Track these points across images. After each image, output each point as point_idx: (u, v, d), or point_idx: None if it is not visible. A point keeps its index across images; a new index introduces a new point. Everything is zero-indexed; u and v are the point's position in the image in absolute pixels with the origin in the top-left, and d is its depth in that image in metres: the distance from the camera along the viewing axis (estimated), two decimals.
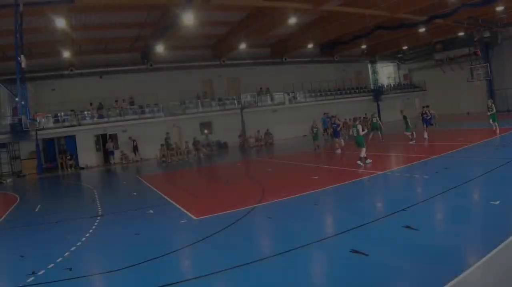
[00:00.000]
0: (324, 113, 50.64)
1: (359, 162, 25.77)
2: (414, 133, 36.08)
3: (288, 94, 62.02)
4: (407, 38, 63.37)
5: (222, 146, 56.36)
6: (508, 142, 30.17)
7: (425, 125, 37.41)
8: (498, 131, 33.87)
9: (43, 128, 46.29)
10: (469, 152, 27.94)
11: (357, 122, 27.68)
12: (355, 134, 26.61)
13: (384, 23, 50.33)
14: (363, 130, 26.75)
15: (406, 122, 36.22)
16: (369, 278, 9.42)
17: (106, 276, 11.47)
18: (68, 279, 11.17)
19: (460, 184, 17.74)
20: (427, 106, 40.56)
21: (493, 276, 9.10)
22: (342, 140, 36.92)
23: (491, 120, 35.33)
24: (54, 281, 11.04)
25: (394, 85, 77.21)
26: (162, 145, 48.59)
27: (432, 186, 18.24)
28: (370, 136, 38.62)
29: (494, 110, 35.14)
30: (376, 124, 40.12)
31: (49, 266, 12.21)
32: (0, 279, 12.29)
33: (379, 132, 40.22)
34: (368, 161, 26.50)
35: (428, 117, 38.48)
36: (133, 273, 11.28)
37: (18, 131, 45.04)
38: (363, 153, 26.07)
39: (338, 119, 39.23)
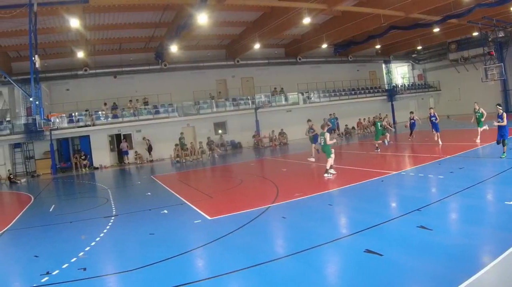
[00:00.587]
0: (330, 114, 50.50)
1: (326, 175, 23.86)
2: (387, 141, 35.78)
3: (302, 94, 61.76)
4: (422, 38, 62.98)
5: (236, 146, 56.09)
6: None
7: (434, 131, 34.75)
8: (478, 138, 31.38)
9: (57, 128, 46.45)
10: (484, 151, 27.76)
11: (325, 130, 25.19)
12: (322, 143, 25.03)
13: (399, 23, 49.98)
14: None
15: (377, 130, 34.91)
16: (383, 278, 9.31)
17: (120, 276, 11.34)
18: (82, 279, 11.10)
19: (475, 184, 17.61)
20: (411, 112, 40.60)
21: (508, 277, 9.01)
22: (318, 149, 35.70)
23: (479, 127, 31.95)
24: (69, 281, 10.97)
25: (408, 85, 76.72)
26: (176, 145, 48.47)
27: (447, 186, 18.06)
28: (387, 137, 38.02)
29: (484, 113, 32.09)
30: (378, 130, 35.68)
31: (64, 266, 12.14)
32: (14, 279, 12.10)
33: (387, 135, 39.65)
34: (331, 172, 24.18)
35: (411, 123, 38.25)
36: (147, 273, 11.20)
37: (32, 131, 45.67)
38: (329, 164, 24.26)
39: (329, 124, 36.71)
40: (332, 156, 24.39)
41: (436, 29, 52.51)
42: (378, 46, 63.73)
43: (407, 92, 72.40)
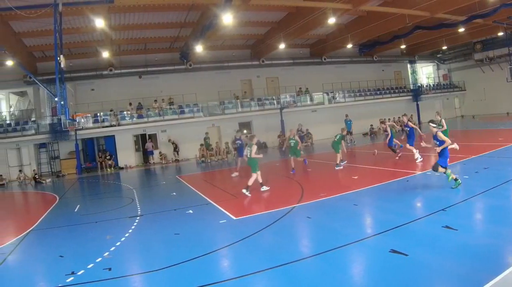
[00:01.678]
0: (346, 115, 49.78)
1: (245, 191, 21.69)
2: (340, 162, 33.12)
3: (328, 94, 61.37)
4: (447, 38, 62.25)
5: (261, 146, 54.50)
6: None
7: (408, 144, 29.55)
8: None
9: (83, 128, 46.29)
10: (509, 151, 27.27)
11: (253, 141, 22.74)
12: (248, 155, 22.49)
13: (424, 23, 49.51)
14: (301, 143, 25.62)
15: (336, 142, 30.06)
16: (408, 279, 9.20)
17: (145, 276, 11.24)
18: (107, 279, 11.04)
19: (500, 184, 17.24)
20: (382, 121, 38.42)
21: None
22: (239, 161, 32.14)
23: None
24: (94, 281, 10.90)
25: (433, 85, 75.82)
26: (201, 145, 48.21)
27: (472, 186, 17.68)
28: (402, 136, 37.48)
29: (445, 126, 27.50)
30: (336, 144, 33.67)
31: (89, 266, 12.07)
32: (39, 279, 11.95)
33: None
34: (264, 187, 22.18)
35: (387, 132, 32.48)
36: (172, 273, 11.13)
37: (57, 131, 45.73)
38: (252, 180, 22.03)
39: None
40: (258, 172, 22.16)
41: (461, 29, 51.85)
42: (403, 46, 62.94)
43: (432, 92, 71.41)
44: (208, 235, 14.93)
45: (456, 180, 16.66)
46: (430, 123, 17.79)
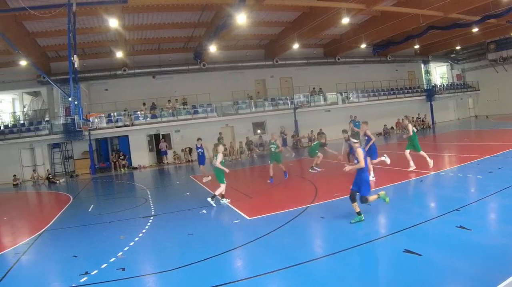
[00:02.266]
0: (355, 117, 48.98)
1: (210, 200, 20.40)
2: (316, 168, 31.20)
3: (341, 94, 60.95)
4: (460, 38, 61.65)
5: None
6: None
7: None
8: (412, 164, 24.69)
9: (96, 128, 46.28)
10: None
11: (219, 150, 21.49)
12: (214, 164, 21.21)
13: (437, 23, 49.18)
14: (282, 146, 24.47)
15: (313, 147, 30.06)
16: (422, 278, 9.21)
17: (159, 276, 11.28)
18: (121, 279, 11.14)
19: None
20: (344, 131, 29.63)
21: None
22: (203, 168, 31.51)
23: (407, 150, 24.96)
24: (107, 281, 11.00)
25: (447, 85, 75.09)
26: (215, 145, 47.87)
27: (486, 186, 17.56)
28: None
29: (411, 132, 24.70)
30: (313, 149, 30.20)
31: (102, 266, 12.16)
32: (53, 279, 12.03)
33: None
34: (224, 200, 20.73)
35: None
36: (186, 273, 11.20)
37: (71, 131, 45.84)
38: (219, 190, 20.76)
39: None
40: (225, 183, 20.92)
41: (475, 29, 51.50)
42: (417, 46, 62.69)
43: (446, 92, 70.67)
44: (222, 235, 14.95)
45: (359, 214, 14.37)
46: (352, 139, 15.23)
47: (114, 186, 36.85)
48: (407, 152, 24.92)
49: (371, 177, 21.92)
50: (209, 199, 20.34)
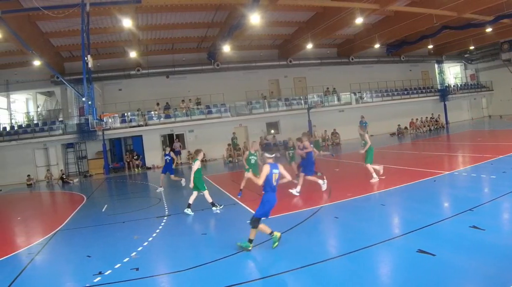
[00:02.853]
0: (362, 117, 49.06)
1: (187, 210, 19.58)
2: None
3: (355, 94, 60.73)
4: (474, 38, 61.21)
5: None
6: None
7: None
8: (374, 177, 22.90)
9: (110, 128, 46.34)
10: None
11: (198, 156, 20.13)
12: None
13: (451, 23, 48.95)
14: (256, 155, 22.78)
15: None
16: (436, 278, 9.11)
17: (173, 276, 11.24)
18: (135, 279, 11.12)
19: None
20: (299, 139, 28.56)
21: None
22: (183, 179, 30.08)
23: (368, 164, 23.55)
24: (121, 281, 10.98)
25: (460, 85, 74.57)
26: (228, 145, 48.13)
27: (499, 186, 17.45)
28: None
29: (368, 142, 23.36)
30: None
31: (116, 266, 12.15)
32: (67, 279, 12.01)
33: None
34: (215, 209, 19.64)
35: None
36: (200, 273, 11.16)
37: (84, 131, 45.94)
38: (209, 198, 19.82)
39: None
40: (206, 189, 20.01)
41: (489, 29, 50.97)
42: (430, 46, 62.30)
43: (459, 92, 70.17)
44: (235, 235, 14.48)
45: (250, 241, 12.60)
46: (265, 154, 13.95)
47: (128, 186, 36.85)
48: (368, 165, 23.74)
49: (295, 192, 21.31)
50: (186, 210, 19.54)
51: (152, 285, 10.91)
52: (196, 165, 19.53)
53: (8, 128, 48.36)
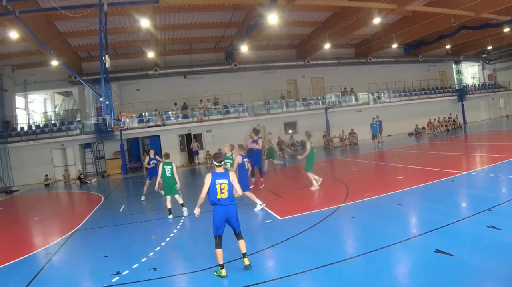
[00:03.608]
0: (373, 118, 47.63)
1: (169, 217, 19.38)
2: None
3: (373, 94, 60.58)
4: (492, 38, 60.59)
5: (306, 146, 54.45)
6: None
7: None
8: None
9: (128, 128, 46.20)
10: None
11: (169, 159, 20.59)
12: (167, 174, 20.09)
13: (469, 23, 48.36)
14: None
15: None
16: (453, 279, 9.03)
17: (190, 276, 11.15)
18: (152, 279, 11.03)
19: None
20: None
21: None
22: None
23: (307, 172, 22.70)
24: (139, 281, 10.91)
25: (478, 85, 74.08)
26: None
27: None
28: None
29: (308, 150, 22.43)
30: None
31: (134, 266, 12.09)
32: (85, 279, 11.89)
33: None
34: (170, 216, 19.40)
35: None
36: None
37: (102, 131, 45.97)
38: (181, 199, 20.16)
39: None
40: (179, 193, 20.29)
41: (507, 29, 50.38)
42: (448, 46, 61.75)
43: (477, 92, 69.71)
44: (253, 235, 14.54)
45: (221, 267, 11.09)
46: (214, 161, 13.17)
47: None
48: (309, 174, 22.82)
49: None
50: (170, 217, 19.45)
51: (170, 285, 10.88)
52: (174, 167, 20.27)
53: (26, 129, 48.37)
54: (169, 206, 19.82)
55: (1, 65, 46.59)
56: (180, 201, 20.15)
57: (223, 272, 10.78)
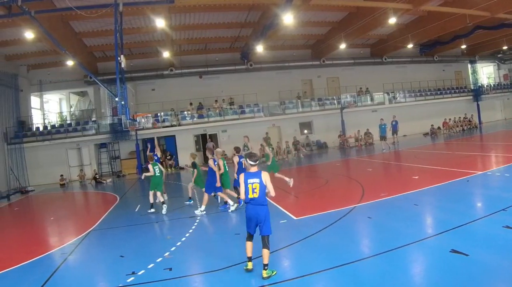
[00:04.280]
0: (381, 119, 46.25)
1: (151, 210, 20.86)
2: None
3: (388, 94, 60.21)
4: (507, 38, 60.01)
5: (321, 146, 54.99)
6: None
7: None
8: None
9: (143, 128, 45.85)
10: None
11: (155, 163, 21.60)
12: (157, 174, 21.62)
13: (484, 23, 48.19)
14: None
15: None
16: (469, 278, 9.00)
17: (206, 276, 11.09)
18: (168, 279, 10.99)
19: None
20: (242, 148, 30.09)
21: None
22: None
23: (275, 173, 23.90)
24: (154, 281, 10.88)
25: (494, 85, 73.32)
26: (261, 145, 47.87)
27: None
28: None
29: (270, 155, 25.07)
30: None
31: (149, 266, 12.06)
32: (100, 279, 11.94)
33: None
34: (164, 206, 20.85)
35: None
36: (233, 273, 10.97)
37: (117, 131, 45.89)
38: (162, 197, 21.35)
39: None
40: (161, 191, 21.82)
41: None
42: (463, 46, 61.31)
43: (492, 92, 69.07)
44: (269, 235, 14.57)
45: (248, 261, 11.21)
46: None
47: None
48: (276, 174, 23.83)
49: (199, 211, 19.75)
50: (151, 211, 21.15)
51: (186, 285, 10.80)
52: (156, 168, 21.93)
53: (41, 129, 48.44)
54: (151, 200, 21.62)
55: (16, 65, 46.76)
56: (161, 199, 21.52)
57: (249, 265, 10.92)
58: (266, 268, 10.48)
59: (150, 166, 21.77)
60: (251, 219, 11.04)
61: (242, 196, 11.40)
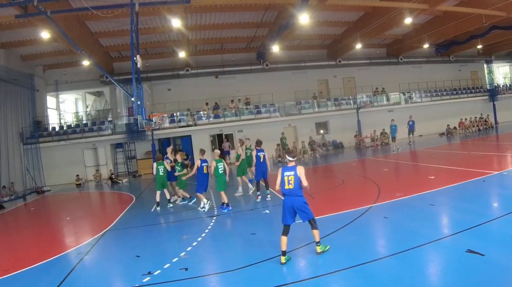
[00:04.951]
0: (392, 120, 46.48)
1: (157, 209, 21.73)
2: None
3: (404, 94, 59.84)
4: None
5: (337, 146, 54.63)
6: None
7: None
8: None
9: (159, 128, 45.79)
10: None
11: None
12: (160, 173, 22.78)
13: (500, 23, 47.48)
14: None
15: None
16: (485, 278, 9.00)
17: (222, 276, 11.16)
18: (184, 279, 11.07)
19: None
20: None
21: None
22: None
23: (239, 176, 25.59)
24: (170, 281, 10.95)
25: (510, 85, 72.53)
26: (278, 145, 47.04)
27: None
28: None
29: (241, 156, 25.61)
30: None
31: (165, 266, 12.14)
32: (116, 279, 12.05)
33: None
34: (158, 208, 21.97)
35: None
36: (249, 273, 11.07)
37: (133, 131, 45.97)
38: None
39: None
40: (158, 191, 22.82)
41: None
42: (479, 46, 60.56)
43: (508, 92, 68.59)
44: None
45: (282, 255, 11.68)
46: (288, 157, 12.60)
47: None
48: (243, 177, 25.31)
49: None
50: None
51: (202, 285, 10.88)
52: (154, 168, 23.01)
53: (57, 129, 48.59)
54: (158, 199, 22.79)
55: (32, 65, 46.89)
56: (168, 197, 23.15)
57: (282, 259, 11.41)
58: (319, 244, 11.90)
59: (154, 164, 23.03)
60: (288, 208, 12.02)
61: (277, 187, 12.42)
